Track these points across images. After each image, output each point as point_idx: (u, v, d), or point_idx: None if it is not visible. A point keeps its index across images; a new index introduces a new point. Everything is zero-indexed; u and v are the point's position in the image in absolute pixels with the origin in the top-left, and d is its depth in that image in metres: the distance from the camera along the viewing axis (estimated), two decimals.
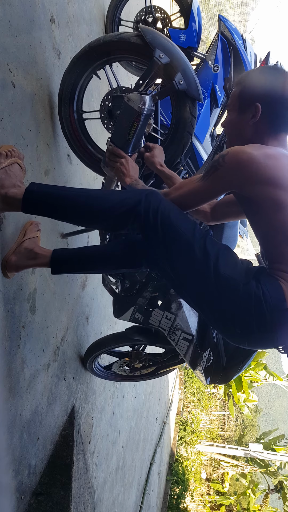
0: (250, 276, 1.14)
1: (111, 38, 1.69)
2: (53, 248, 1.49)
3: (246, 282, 1.12)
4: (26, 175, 1.57)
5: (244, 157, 1.13)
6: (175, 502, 9.82)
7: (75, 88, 1.81)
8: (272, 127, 1.23)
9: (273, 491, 12.72)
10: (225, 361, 1.87)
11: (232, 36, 2.39)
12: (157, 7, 3.04)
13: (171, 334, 1.84)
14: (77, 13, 2.25)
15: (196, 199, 1.26)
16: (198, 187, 1.23)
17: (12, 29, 1.44)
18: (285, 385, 12.84)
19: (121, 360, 2.43)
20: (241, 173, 1.13)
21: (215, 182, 1.19)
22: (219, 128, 2.53)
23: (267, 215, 1.14)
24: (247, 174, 1.13)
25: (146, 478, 5.54)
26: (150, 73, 1.65)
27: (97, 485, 2.76)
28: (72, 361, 2.24)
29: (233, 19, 20.66)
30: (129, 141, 1.52)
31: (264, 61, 1.64)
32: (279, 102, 1.21)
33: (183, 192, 1.27)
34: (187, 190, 1.27)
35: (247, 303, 1.10)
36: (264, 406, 37.00)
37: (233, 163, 1.14)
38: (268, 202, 1.13)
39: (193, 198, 1.26)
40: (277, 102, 1.21)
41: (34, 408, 1.68)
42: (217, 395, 16.87)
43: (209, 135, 2.49)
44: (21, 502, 1.59)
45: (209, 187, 1.21)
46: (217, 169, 1.17)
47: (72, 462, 1.90)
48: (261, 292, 1.10)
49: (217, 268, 1.14)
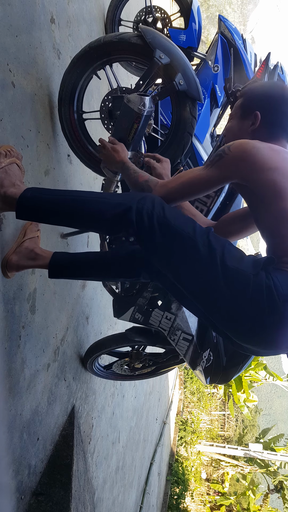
0: (259, 267, 1.12)
1: (111, 38, 1.69)
2: (54, 250, 1.50)
3: (255, 273, 1.10)
4: (26, 174, 1.57)
5: (249, 146, 1.16)
6: (175, 502, 9.82)
7: (75, 88, 1.81)
8: (271, 134, 1.27)
9: (273, 491, 12.73)
10: (225, 361, 1.87)
11: (232, 36, 2.39)
12: (157, 7, 3.04)
13: (171, 334, 1.84)
14: (77, 13, 2.25)
15: (199, 187, 1.24)
16: (202, 175, 1.22)
17: (12, 29, 1.44)
18: (285, 385, 12.84)
19: (121, 360, 2.43)
20: (246, 161, 1.15)
21: (219, 170, 1.19)
22: (219, 128, 2.53)
23: (271, 205, 1.14)
24: (251, 161, 1.14)
25: (146, 478, 5.54)
26: (151, 74, 1.65)
27: (97, 485, 2.76)
28: (72, 361, 2.24)
29: (233, 19, 20.66)
30: (129, 142, 1.52)
31: (265, 61, 1.64)
32: (278, 110, 1.26)
33: (185, 180, 1.25)
34: (188, 178, 1.25)
35: (259, 295, 1.08)
36: (264, 406, 37.01)
37: (239, 151, 1.16)
38: (271, 190, 1.13)
39: (195, 186, 1.24)
40: (275, 110, 1.26)
41: (34, 408, 1.68)
42: (217, 395, 16.87)
43: (209, 135, 2.49)
44: (21, 502, 1.59)
45: (213, 175, 1.20)
46: (222, 157, 1.18)
47: (72, 462, 1.90)
48: (272, 282, 1.08)
49: (224, 262, 1.12)
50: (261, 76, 1.58)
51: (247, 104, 1.31)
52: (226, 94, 1.67)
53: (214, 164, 1.20)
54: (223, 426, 18.28)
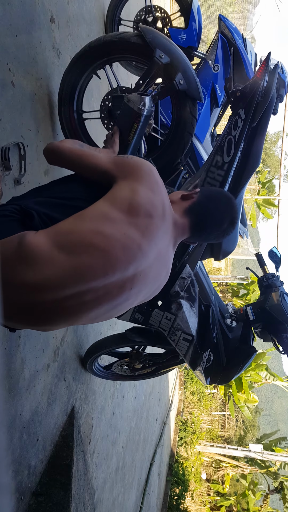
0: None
1: (111, 38, 1.69)
2: None
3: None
4: (26, 174, 1.56)
5: (149, 167, 1.13)
6: (175, 502, 9.80)
7: (75, 87, 1.80)
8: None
9: (273, 492, 12.71)
10: (225, 362, 1.86)
11: (232, 36, 2.38)
12: (157, 6, 3.03)
13: (171, 335, 1.84)
14: (77, 13, 2.25)
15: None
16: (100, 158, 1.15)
17: (12, 28, 1.43)
18: (286, 386, 12.83)
19: (121, 360, 2.43)
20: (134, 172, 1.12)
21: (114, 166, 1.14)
22: (219, 128, 2.53)
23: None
24: (139, 175, 1.12)
25: (146, 478, 5.53)
26: (151, 73, 1.64)
27: (97, 486, 2.76)
28: (72, 361, 2.24)
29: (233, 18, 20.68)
30: (129, 141, 1.52)
31: (265, 61, 1.63)
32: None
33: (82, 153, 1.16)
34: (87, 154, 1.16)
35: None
36: (264, 407, 37.01)
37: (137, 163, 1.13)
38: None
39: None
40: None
41: (34, 409, 1.67)
42: (217, 396, 16.86)
43: (209, 134, 2.48)
44: (21, 502, 1.58)
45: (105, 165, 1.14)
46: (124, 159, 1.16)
47: (72, 462, 1.89)
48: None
49: None
50: (261, 76, 1.57)
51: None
52: (226, 94, 1.67)
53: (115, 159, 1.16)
54: (223, 426, 18.27)
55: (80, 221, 0.98)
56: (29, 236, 0.92)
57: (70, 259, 0.92)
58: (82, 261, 0.93)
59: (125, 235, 0.99)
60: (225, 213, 1.22)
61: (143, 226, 1.03)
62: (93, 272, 0.94)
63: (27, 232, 0.94)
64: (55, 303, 0.92)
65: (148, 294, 1.15)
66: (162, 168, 1.84)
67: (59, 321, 0.97)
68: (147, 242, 1.04)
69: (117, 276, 0.98)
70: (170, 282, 1.78)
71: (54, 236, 0.94)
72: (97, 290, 0.96)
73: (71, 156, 1.15)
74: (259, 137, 1.61)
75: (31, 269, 0.89)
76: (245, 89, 1.58)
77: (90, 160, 1.14)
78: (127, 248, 0.99)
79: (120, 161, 1.13)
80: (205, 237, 1.25)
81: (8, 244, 0.90)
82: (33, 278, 0.89)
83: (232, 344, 1.88)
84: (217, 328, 1.88)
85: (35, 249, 0.90)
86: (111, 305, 1.02)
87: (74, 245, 0.94)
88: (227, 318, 1.95)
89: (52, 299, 0.91)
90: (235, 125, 1.62)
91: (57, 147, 1.15)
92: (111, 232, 0.98)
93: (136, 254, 1.01)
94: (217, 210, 1.22)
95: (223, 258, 1.88)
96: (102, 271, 0.95)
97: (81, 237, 0.95)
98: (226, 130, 1.66)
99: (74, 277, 0.92)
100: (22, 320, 0.95)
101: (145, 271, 1.05)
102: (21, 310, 0.92)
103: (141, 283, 1.06)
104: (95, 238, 0.95)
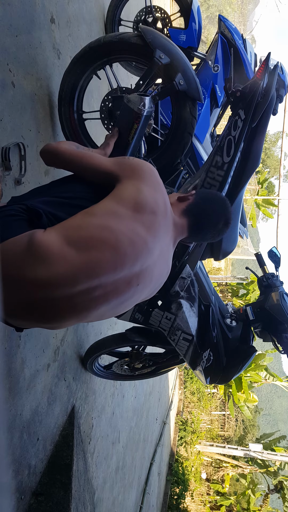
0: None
1: (111, 38, 1.69)
2: None
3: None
4: (26, 174, 1.57)
5: (148, 167, 1.16)
6: (175, 502, 9.80)
7: (75, 88, 1.81)
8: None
9: (273, 491, 12.71)
10: (225, 361, 1.87)
11: (232, 36, 2.38)
12: (157, 7, 3.03)
13: (171, 334, 1.84)
14: (77, 13, 2.25)
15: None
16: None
17: (12, 29, 1.44)
18: (285, 386, 12.84)
19: (121, 360, 2.43)
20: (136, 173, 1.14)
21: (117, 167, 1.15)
22: (219, 128, 2.53)
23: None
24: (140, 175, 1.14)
25: (146, 478, 5.53)
26: (151, 74, 1.65)
27: (97, 485, 2.76)
28: (72, 361, 2.24)
29: (233, 19, 20.66)
30: (129, 142, 1.52)
31: (265, 61, 1.64)
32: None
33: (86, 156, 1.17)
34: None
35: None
36: (264, 406, 37.01)
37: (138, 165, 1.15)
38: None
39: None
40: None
41: (34, 408, 1.67)
42: (217, 395, 16.86)
43: (209, 135, 2.48)
44: (21, 502, 1.58)
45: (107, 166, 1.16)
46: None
47: (72, 462, 1.90)
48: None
49: None
50: (261, 76, 1.57)
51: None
52: (226, 94, 1.67)
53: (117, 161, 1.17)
54: (223, 426, 18.27)
55: (88, 217, 0.99)
56: (38, 234, 0.93)
57: (80, 255, 0.94)
58: (92, 256, 0.95)
59: (132, 230, 1.01)
60: (220, 214, 1.25)
61: (148, 223, 1.06)
62: (103, 267, 0.96)
63: (36, 231, 0.95)
64: (66, 299, 0.93)
65: (151, 291, 1.17)
66: (162, 168, 1.85)
67: (68, 318, 0.98)
68: (152, 238, 1.06)
69: (125, 271, 1.00)
70: (170, 282, 1.79)
71: (63, 232, 0.95)
72: (106, 285, 0.98)
73: (71, 157, 1.16)
74: (259, 138, 1.61)
75: (43, 266, 0.90)
76: (245, 89, 1.58)
77: (91, 161, 1.15)
78: (134, 244, 1.01)
79: (122, 162, 1.15)
80: (202, 237, 1.28)
81: (18, 242, 0.92)
82: (45, 274, 0.90)
83: (232, 344, 1.88)
84: (217, 328, 1.88)
85: (46, 246, 0.91)
86: (119, 300, 1.04)
87: (84, 240, 0.95)
88: (227, 318, 1.95)
89: (63, 295, 0.92)
90: (235, 126, 1.62)
91: (56, 148, 1.16)
92: (119, 227, 0.99)
93: (143, 249, 1.03)
94: (213, 211, 1.25)
95: (223, 258, 1.88)
96: (112, 266, 0.97)
97: (91, 232, 0.96)
98: (226, 131, 1.66)
99: (86, 272, 0.94)
100: (31, 318, 0.96)
101: (150, 267, 1.07)
102: (32, 307, 0.93)
103: (146, 279, 1.08)
104: (104, 233, 0.97)
